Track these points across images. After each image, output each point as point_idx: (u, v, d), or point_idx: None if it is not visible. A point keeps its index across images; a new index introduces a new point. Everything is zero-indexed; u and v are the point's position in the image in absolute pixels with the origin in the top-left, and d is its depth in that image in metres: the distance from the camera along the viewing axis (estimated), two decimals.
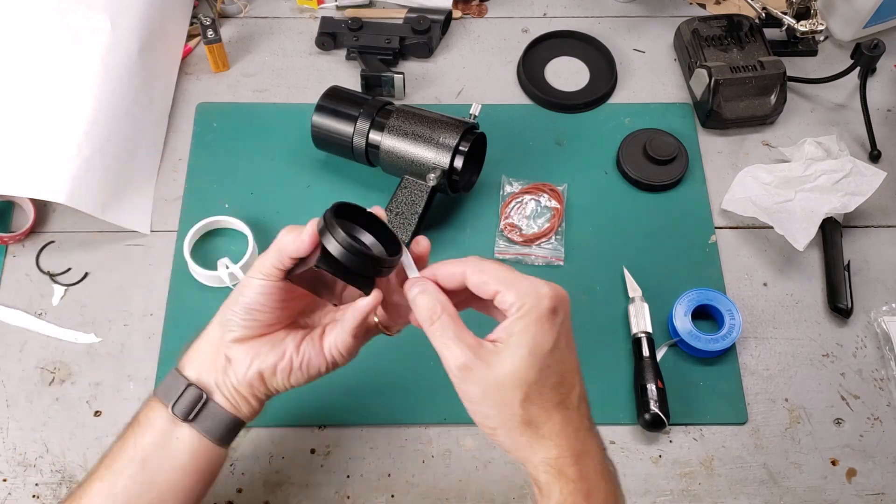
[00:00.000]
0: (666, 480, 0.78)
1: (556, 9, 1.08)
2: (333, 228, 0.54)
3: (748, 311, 0.86)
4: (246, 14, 1.07)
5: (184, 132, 0.97)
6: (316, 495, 0.77)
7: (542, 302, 0.51)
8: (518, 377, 0.50)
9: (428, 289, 0.54)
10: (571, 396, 0.53)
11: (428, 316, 0.53)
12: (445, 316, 0.52)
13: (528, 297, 0.51)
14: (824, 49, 1.04)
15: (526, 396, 0.50)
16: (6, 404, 0.80)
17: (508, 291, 0.51)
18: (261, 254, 0.58)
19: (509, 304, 0.51)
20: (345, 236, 0.53)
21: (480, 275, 0.53)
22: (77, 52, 0.89)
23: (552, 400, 0.52)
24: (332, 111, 0.89)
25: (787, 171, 0.90)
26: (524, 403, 0.51)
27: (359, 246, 0.53)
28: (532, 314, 0.51)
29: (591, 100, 0.99)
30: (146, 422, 0.60)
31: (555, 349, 0.51)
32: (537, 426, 0.51)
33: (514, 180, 0.93)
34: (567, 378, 0.53)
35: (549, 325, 0.51)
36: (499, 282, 0.52)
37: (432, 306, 0.53)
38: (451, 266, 0.54)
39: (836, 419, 0.81)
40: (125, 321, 0.85)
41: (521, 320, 0.51)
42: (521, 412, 0.51)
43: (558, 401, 0.52)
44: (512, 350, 0.50)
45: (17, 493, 0.76)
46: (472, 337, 0.52)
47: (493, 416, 0.52)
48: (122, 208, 0.89)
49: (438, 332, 0.52)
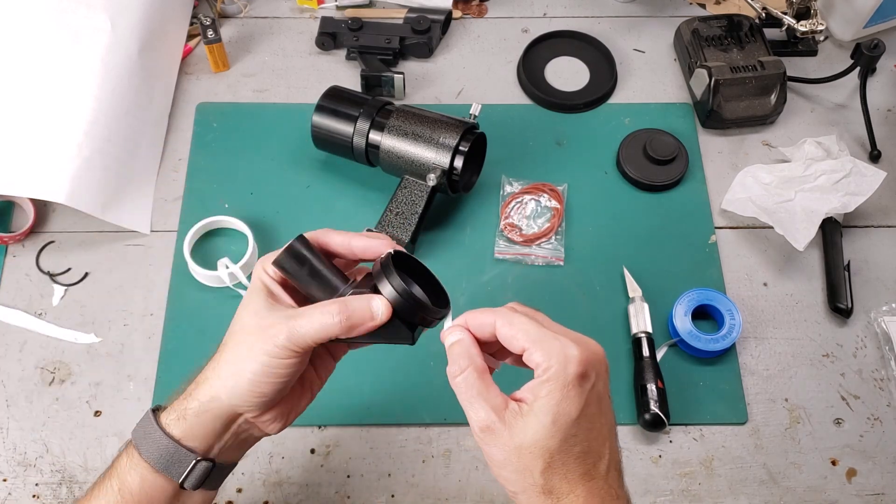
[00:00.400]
0: (666, 480, 0.78)
1: (556, 9, 1.08)
2: (391, 275, 0.52)
3: (748, 311, 0.86)
4: (246, 14, 1.07)
5: (184, 132, 0.97)
6: (316, 495, 0.77)
7: (570, 367, 0.48)
8: (540, 446, 0.47)
9: (463, 340, 0.51)
10: (599, 466, 0.50)
11: (453, 370, 0.50)
12: (471, 370, 0.50)
13: (554, 360, 0.48)
14: (824, 49, 1.04)
15: (547, 466, 0.48)
16: (6, 404, 0.80)
17: (536, 350, 0.48)
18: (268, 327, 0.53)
19: (535, 363, 0.49)
20: (402, 283, 0.51)
21: (510, 328, 0.50)
22: (77, 52, 0.89)
23: (577, 471, 0.49)
24: (332, 111, 0.89)
25: (787, 171, 0.90)
26: (545, 473, 0.48)
27: (415, 294, 0.52)
28: (558, 379, 0.47)
29: (591, 100, 0.99)
30: (138, 490, 0.55)
31: (581, 417, 0.48)
32: (558, 497, 0.48)
33: (514, 180, 0.93)
34: (595, 446, 0.49)
35: (575, 391, 0.48)
36: (527, 338, 0.49)
37: (460, 360, 0.50)
38: (483, 315, 0.51)
39: (836, 419, 0.81)
40: (125, 321, 0.85)
41: (546, 384, 0.48)
42: (541, 481, 0.48)
43: (583, 471, 0.49)
44: (535, 416, 0.48)
45: (17, 493, 0.76)
46: (498, 396, 0.49)
47: (513, 482, 0.49)
48: (122, 208, 0.89)
49: (463, 387, 0.50)
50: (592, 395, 0.49)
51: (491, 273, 0.88)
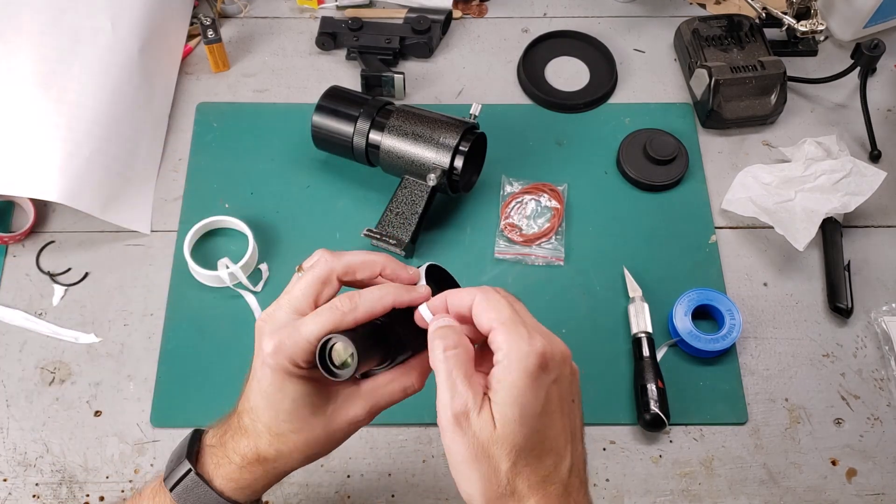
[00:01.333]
0: (666, 480, 0.78)
1: (556, 9, 1.08)
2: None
3: (748, 311, 0.86)
4: (246, 14, 1.07)
5: (184, 132, 0.97)
6: (316, 495, 0.77)
7: (531, 357, 0.45)
8: (509, 440, 0.44)
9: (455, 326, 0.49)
10: (560, 469, 0.47)
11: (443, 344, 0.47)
12: (462, 350, 0.47)
13: (515, 348, 0.45)
14: (824, 49, 1.04)
15: (513, 464, 0.45)
16: (6, 404, 0.80)
17: (502, 332, 0.46)
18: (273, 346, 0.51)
19: (497, 345, 0.46)
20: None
21: (486, 304, 0.47)
22: (77, 52, 0.89)
23: (538, 472, 0.46)
24: (332, 111, 0.89)
25: (788, 171, 0.90)
26: (511, 471, 0.45)
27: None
28: (519, 366, 0.45)
29: (591, 100, 0.99)
30: None
31: (543, 414, 0.45)
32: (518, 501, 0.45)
33: (514, 180, 0.93)
34: (556, 447, 0.46)
35: (536, 383, 0.45)
36: (498, 318, 0.46)
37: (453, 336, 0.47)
38: (463, 294, 0.49)
39: (836, 419, 0.81)
40: (125, 321, 0.85)
41: (508, 371, 0.45)
42: (505, 481, 0.45)
43: (544, 474, 0.46)
44: (501, 408, 0.45)
45: (17, 492, 0.76)
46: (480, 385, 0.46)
47: (474, 481, 0.45)
48: (122, 208, 0.89)
49: (453, 362, 0.46)
50: (553, 392, 0.46)
51: (491, 273, 0.88)
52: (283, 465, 0.54)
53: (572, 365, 0.49)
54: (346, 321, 0.49)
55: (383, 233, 0.86)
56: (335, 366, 0.49)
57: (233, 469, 0.54)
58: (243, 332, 0.84)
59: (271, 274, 0.87)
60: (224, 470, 0.54)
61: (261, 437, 0.53)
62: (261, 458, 0.53)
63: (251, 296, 0.86)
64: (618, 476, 0.78)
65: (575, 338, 0.83)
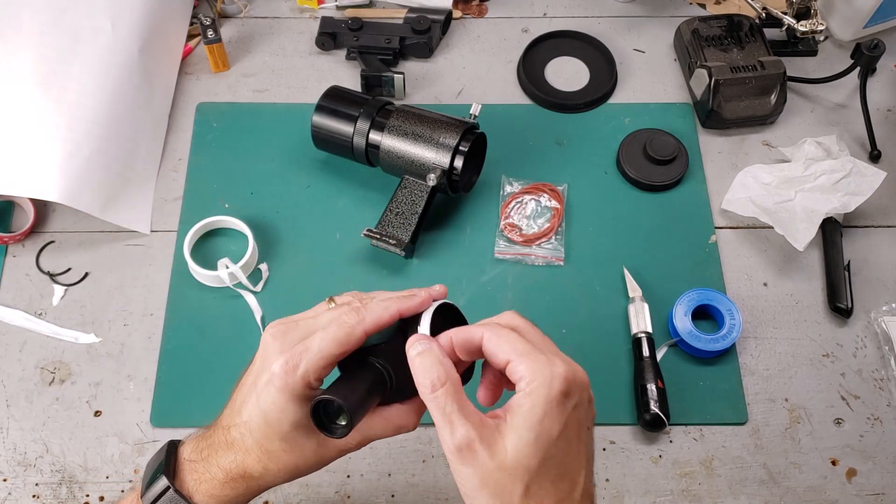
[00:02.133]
0: (666, 480, 0.78)
1: (556, 9, 1.08)
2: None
3: (748, 311, 0.86)
4: (246, 14, 1.07)
5: (184, 132, 0.97)
6: (316, 495, 0.77)
7: (554, 383, 0.45)
8: (522, 465, 0.44)
9: (432, 349, 0.48)
10: (573, 494, 0.47)
11: (429, 381, 0.46)
12: (450, 384, 0.46)
13: (539, 374, 0.45)
14: (824, 49, 1.04)
15: (526, 489, 0.45)
16: (6, 404, 0.80)
17: (521, 363, 0.46)
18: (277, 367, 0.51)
19: (519, 376, 0.46)
20: None
21: (497, 339, 0.48)
22: (77, 52, 0.89)
23: (553, 496, 0.46)
24: (332, 111, 0.89)
25: (787, 171, 0.90)
26: (524, 497, 0.45)
27: None
28: (542, 393, 0.45)
29: (591, 100, 0.99)
30: None
31: (560, 438, 0.45)
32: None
33: (514, 180, 0.93)
34: (570, 472, 0.47)
35: (558, 409, 0.45)
36: (513, 351, 0.47)
37: (436, 370, 0.47)
38: (469, 330, 0.49)
39: (836, 419, 0.81)
40: (125, 321, 0.85)
41: (530, 398, 0.45)
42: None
43: (558, 498, 0.46)
44: (517, 432, 0.45)
45: (17, 492, 0.76)
46: (475, 411, 0.46)
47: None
48: (122, 208, 0.89)
49: (442, 401, 0.46)
50: (573, 418, 0.46)
51: (491, 273, 0.88)
52: (266, 482, 0.54)
53: (589, 391, 0.49)
54: (355, 334, 0.51)
55: (383, 233, 0.86)
56: (330, 421, 0.50)
57: (215, 485, 0.53)
58: (243, 332, 0.84)
59: (271, 274, 0.87)
60: (205, 486, 0.53)
61: (250, 452, 0.53)
62: (246, 474, 0.53)
63: (251, 296, 0.86)
64: (618, 476, 0.78)
65: (575, 338, 0.84)
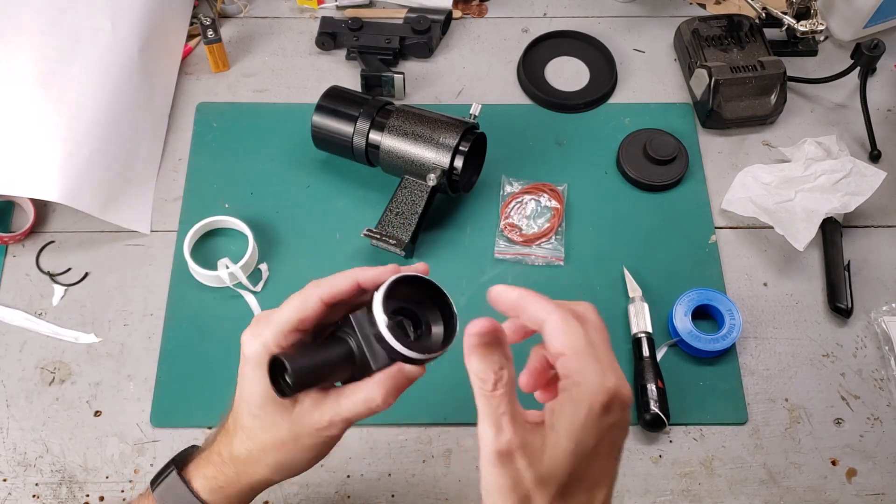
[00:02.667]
0: (666, 480, 0.78)
1: (556, 9, 1.08)
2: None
3: (748, 311, 0.86)
4: (246, 14, 1.07)
5: (184, 132, 0.97)
6: (316, 495, 0.77)
7: (600, 395, 0.43)
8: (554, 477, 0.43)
9: (497, 340, 0.45)
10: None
11: (490, 379, 0.44)
12: (509, 384, 0.44)
13: (588, 381, 0.43)
14: (824, 49, 1.04)
15: (551, 500, 0.43)
16: (6, 404, 0.80)
17: (574, 362, 0.44)
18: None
19: (566, 374, 0.44)
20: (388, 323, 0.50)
21: (562, 325, 0.44)
22: (77, 52, 0.89)
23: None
24: (332, 111, 0.89)
25: (787, 171, 0.90)
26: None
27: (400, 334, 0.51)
28: (584, 402, 0.43)
29: (591, 100, 0.99)
30: None
31: (594, 454, 0.44)
32: None
33: (514, 180, 0.93)
34: (593, 489, 0.45)
35: (597, 421, 0.43)
36: (571, 346, 0.44)
37: (498, 366, 0.44)
38: (540, 305, 0.46)
39: (836, 419, 0.81)
40: (125, 321, 0.85)
41: (572, 405, 0.43)
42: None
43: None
44: (556, 440, 0.43)
45: (17, 492, 0.76)
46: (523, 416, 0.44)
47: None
48: (122, 208, 0.89)
49: (496, 402, 0.43)
50: (609, 434, 0.44)
51: (491, 273, 0.88)
52: (253, 470, 0.55)
53: (629, 413, 0.47)
54: (310, 300, 0.52)
55: (383, 233, 0.86)
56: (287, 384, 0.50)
57: (210, 468, 0.56)
58: None
59: (271, 274, 0.87)
60: (203, 470, 0.56)
61: (235, 434, 0.55)
62: (233, 456, 0.55)
63: (251, 296, 0.86)
64: (618, 476, 0.78)
65: None
